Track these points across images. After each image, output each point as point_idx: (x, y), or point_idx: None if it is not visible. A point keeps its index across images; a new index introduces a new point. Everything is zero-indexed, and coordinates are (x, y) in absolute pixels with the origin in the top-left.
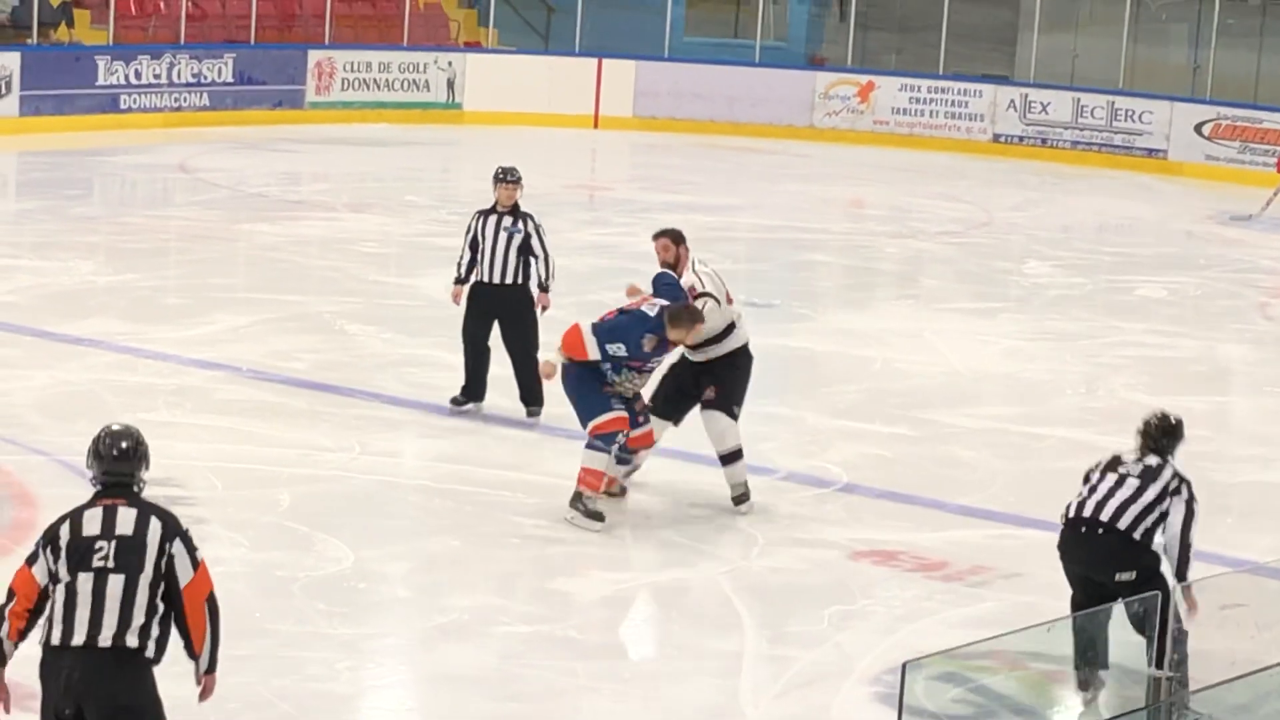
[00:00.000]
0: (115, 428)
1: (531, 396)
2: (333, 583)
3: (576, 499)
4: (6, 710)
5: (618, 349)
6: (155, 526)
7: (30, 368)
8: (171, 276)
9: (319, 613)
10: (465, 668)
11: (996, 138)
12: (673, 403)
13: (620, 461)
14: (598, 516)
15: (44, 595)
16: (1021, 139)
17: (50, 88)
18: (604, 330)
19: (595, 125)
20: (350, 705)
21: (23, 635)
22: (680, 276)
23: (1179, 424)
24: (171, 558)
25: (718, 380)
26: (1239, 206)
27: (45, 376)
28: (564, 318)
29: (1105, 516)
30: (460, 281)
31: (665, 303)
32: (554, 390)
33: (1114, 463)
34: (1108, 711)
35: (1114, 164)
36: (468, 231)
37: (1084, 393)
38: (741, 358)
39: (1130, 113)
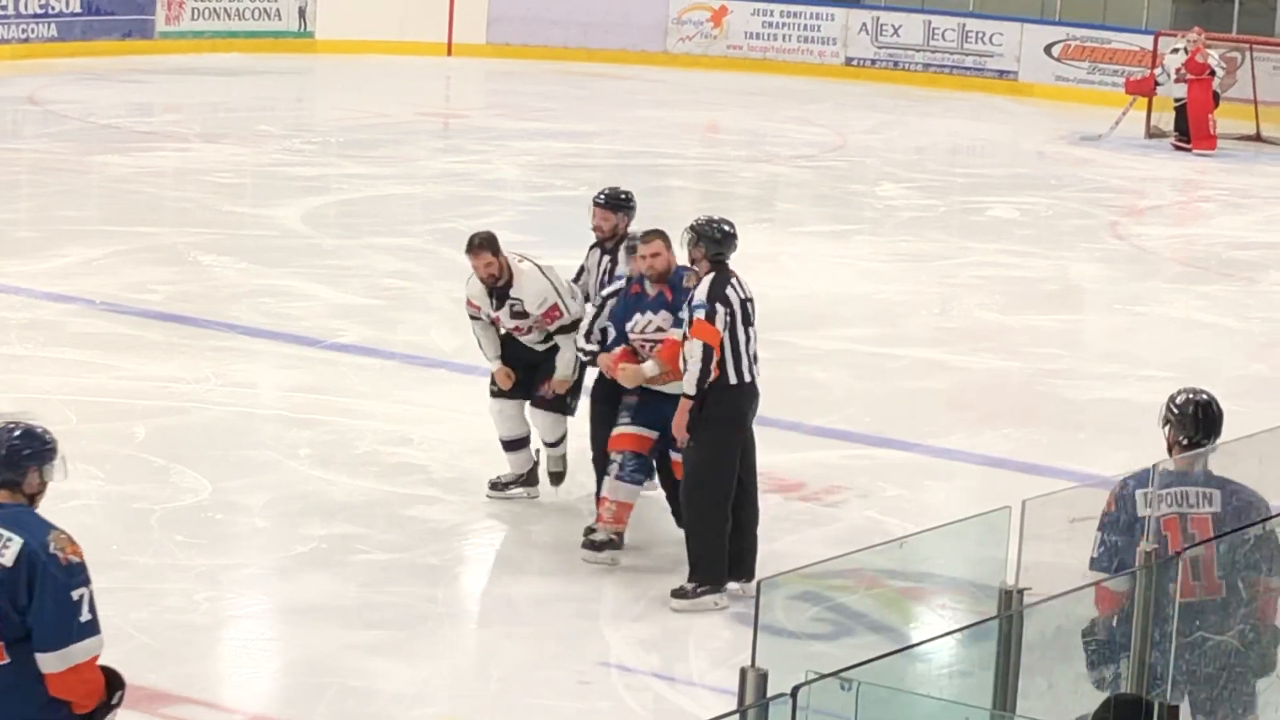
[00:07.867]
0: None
1: None
2: (190, 514)
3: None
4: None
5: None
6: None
7: None
8: (22, 209)
9: (177, 544)
10: (325, 597)
11: (849, 61)
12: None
13: None
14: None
15: (720, 344)
16: (874, 62)
17: None
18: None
19: (449, 53)
20: (209, 636)
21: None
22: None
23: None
24: None
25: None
26: (1089, 126)
27: None
28: (418, 245)
29: None
30: None
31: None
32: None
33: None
34: (959, 623)
35: (965, 86)
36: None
37: (938, 313)
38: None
39: (981, 35)
